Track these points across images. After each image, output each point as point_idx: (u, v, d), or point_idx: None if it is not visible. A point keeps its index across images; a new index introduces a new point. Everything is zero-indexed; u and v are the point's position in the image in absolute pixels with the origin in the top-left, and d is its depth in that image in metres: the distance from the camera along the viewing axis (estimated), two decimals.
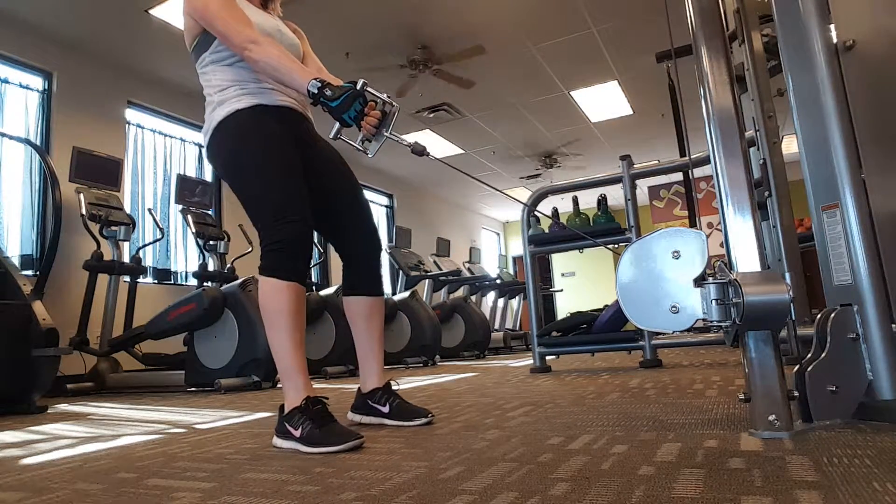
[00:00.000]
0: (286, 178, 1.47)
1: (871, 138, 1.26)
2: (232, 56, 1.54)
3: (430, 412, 1.59)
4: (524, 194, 9.57)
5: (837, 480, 0.80)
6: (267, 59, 1.44)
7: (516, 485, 0.89)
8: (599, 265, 10.84)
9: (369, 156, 1.51)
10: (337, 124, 1.46)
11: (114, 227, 4.08)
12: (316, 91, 1.39)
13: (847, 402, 1.20)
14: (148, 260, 4.94)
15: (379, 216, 8.57)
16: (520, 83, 5.91)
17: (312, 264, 6.06)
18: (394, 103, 1.49)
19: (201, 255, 4.60)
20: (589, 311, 3.66)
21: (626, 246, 1.99)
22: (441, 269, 6.84)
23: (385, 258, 6.82)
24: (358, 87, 1.41)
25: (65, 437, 1.79)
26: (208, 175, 5.65)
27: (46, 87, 4.48)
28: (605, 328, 3.28)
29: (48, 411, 2.68)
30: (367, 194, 8.17)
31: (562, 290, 11.02)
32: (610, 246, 3.41)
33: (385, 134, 1.48)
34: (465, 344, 6.03)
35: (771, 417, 1.12)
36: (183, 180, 4.57)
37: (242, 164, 1.51)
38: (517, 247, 12.35)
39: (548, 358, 3.51)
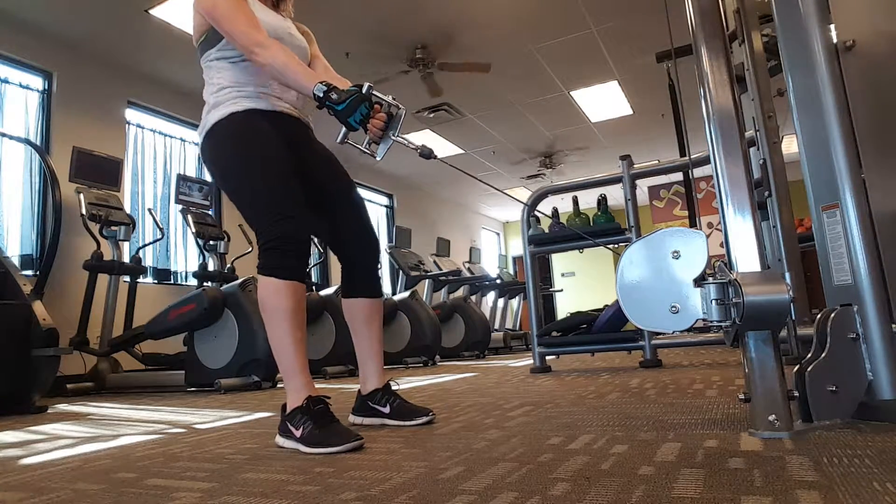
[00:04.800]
0: (280, 178, 1.47)
1: (871, 138, 1.26)
2: (238, 55, 1.54)
3: (431, 410, 1.59)
4: (524, 194, 9.57)
5: (837, 480, 0.80)
6: (273, 63, 1.43)
7: (516, 485, 0.89)
8: (599, 265, 10.85)
9: (377, 159, 1.51)
10: (343, 128, 1.45)
11: (114, 227, 4.08)
12: (321, 95, 1.39)
13: (847, 402, 1.20)
14: (148, 260, 4.94)
15: (379, 216, 8.57)
16: (520, 83, 5.91)
17: (312, 264, 6.06)
18: (400, 106, 1.48)
19: (201, 255, 4.60)
20: (589, 311, 3.66)
21: (626, 246, 1.99)
22: (441, 269, 6.84)
23: (385, 258, 6.83)
24: (364, 90, 1.40)
25: (65, 437, 1.79)
26: (208, 175, 5.64)
27: (46, 87, 4.48)
28: (605, 328, 3.28)
29: (48, 411, 2.68)
30: (367, 194, 8.23)
31: (562, 290, 11.02)
32: (610, 246, 3.41)
33: (392, 137, 1.48)
34: (465, 344, 6.03)
35: (771, 417, 1.12)
36: (183, 180, 4.57)
37: (236, 166, 1.50)
38: (517, 247, 12.35)
39: (548, 358, 3.51)
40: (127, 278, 4.22)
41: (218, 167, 1.56)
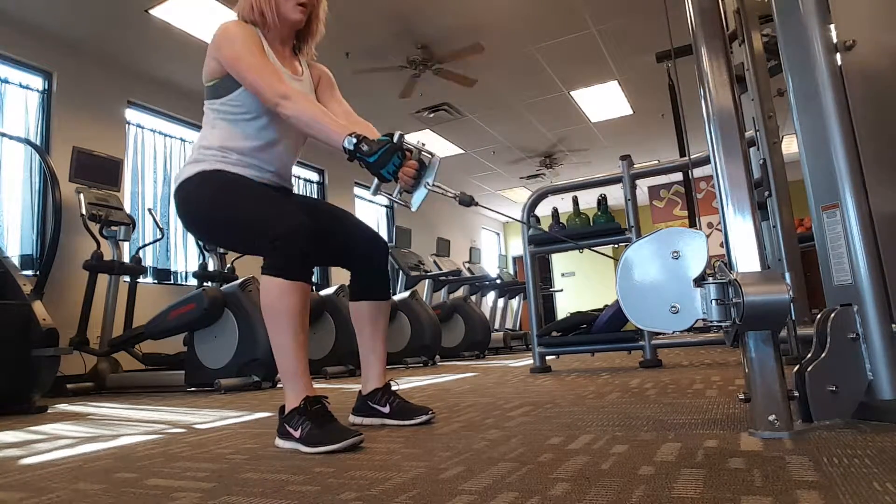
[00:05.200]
0: (265, 195, 1.47)
1: (871, 138, 1.26)
2: (237, 115, 1.52)
3: (431, 410, 1.59)
4: (524, 194, 9.57)
5: (837, 480, 0.80)
6: (298, 115, 1.41)
7: (516, 485, 0.89)
8: (599, 265, 10.85)
9: (413, 210, 1.47)
10: (376, 180, 1.41)
11: (114, 227, 4.08)
12: (352, 148, 1.35)
13: (847, 402, 1.20)
14: (148, 260, 4.94)
15: (379, 216, 8.57)
16: (520, 83, 5.91)
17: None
18: (433, 153, 1.45)
19: (201, 255, 4.60)
20: (589, 311, 3.66)
21: (626, 246, 1.99)
22: (441, 269, 6.84)
23: None
24: (395, 139, 1.37)
25: (65, 437, 1.79)
26: None
27: (46, 87, 4.48)
28: (605, 328, 3.28)
29: (48, 411, 2.68)
30: (368, 194, 8.20)
31: (562, 290, 11.02)
32: (609, 247, 3.41)
33: (428, 186, 1.43)
34: (465, 344, 6.03)
35: (771, 417, 1.12)
36: None
37: (221, 202, 1.48)
38: (517, 247, 12.36)
39: (548, 358, 3.51)
40: (127, 278, 4.22)
41: (200, 210, 1.52)
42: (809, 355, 1.24)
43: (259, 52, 1.48)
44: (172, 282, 5.16)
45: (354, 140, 1.35)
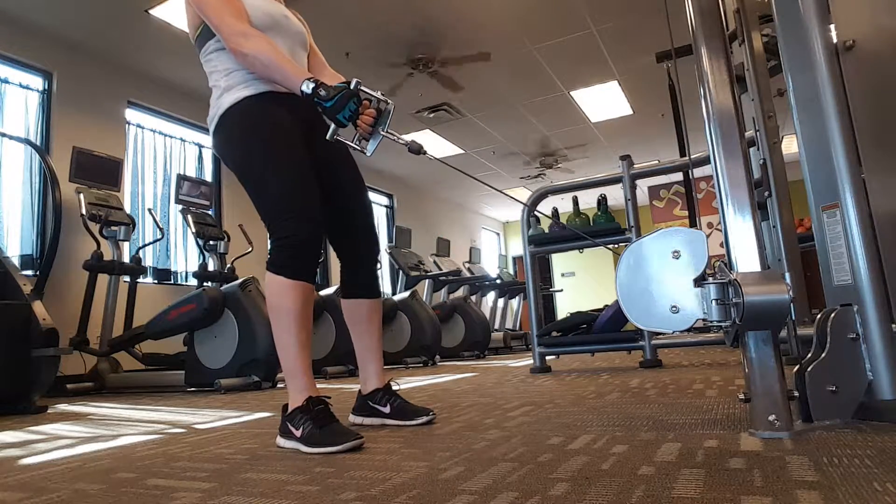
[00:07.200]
0: (296, 173, 1.44)
1: (871, 138, 1.26)
2: None
3: (431, 410, 1.59)
4: (524, 194, 9.56)
5: (837, 480, 0.80)
6: (256, 55, 1.40)
7: (516, 485, 0.89)
8: (599, 265, 10.84)
9: (367, 154, 1.51)
10: (333, 125, 1.44)
11: (114, 227, 4.08)
12: (310, 91, 1.36)
13: (847, 402, 1.20)
14: (148, 260, 4.94)
15: (379, 216, 8.57)
16: (520, 83, 5.91)
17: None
18: (389, 101, 1.47)
19: (201, 255, 4.60)
20: (589, 311, 3.66)
21: (626, 246, 1.99)
22: (441, 269, 6.83)
23: (385, 258, 6.83)
24: (352, 86, 1.39)
25: (65, 437, 1.79)
26: (208, 175, 5.65)
27: (46, 87, 4.48)
28: (605, 328, 3.28)
29: (48, 411, 2.68)
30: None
31: (562, 290, 11.02)
32: (610, 246, 3.41)
33: (382, 132, 1.47)
34: (465, 344, 6.03)
35: (771, 417, 1.12)
36: (183, 180, 4.57)
37: (251, 157, 1.47)
38: (517, 247, 12.35)
39: (548, 358, 3.51)
40: (127, 278, 4.21)
41: (231, 156, 1.53)
42: (809, 355, 1.24)
43: None
44: (172, 282, 5.16)
45: (313, 84, 1.36)
